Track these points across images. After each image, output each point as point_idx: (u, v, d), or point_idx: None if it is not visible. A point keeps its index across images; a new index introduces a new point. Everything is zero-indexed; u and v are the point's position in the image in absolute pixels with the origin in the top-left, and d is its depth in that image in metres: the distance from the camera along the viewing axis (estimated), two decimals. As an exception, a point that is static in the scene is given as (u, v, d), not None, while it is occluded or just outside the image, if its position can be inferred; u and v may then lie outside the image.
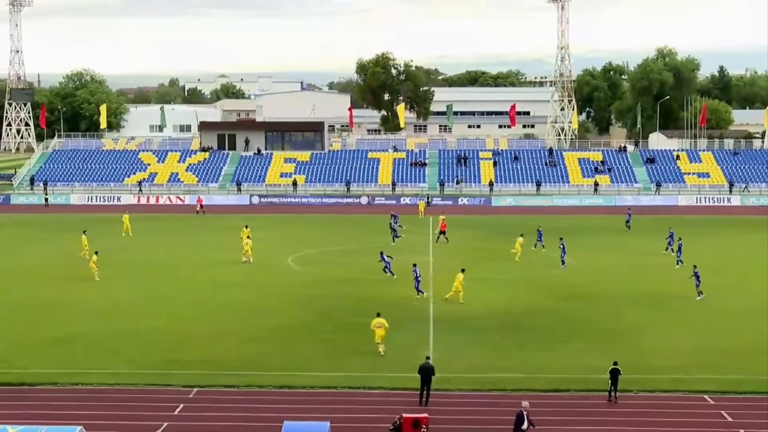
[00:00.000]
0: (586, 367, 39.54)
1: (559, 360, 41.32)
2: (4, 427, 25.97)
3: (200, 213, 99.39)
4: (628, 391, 36.74)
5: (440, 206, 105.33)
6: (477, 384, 37.80)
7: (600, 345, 43.66)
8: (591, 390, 37.04)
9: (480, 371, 39.42)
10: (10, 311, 50.85)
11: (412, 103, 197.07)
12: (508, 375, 38.88)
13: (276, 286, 57.43)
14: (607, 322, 48.78)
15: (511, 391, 36.98)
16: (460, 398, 36.36)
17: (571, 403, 35.65)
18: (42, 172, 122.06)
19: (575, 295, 55.13)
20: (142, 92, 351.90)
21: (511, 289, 57.09)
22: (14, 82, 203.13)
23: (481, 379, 38.39)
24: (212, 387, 37.41)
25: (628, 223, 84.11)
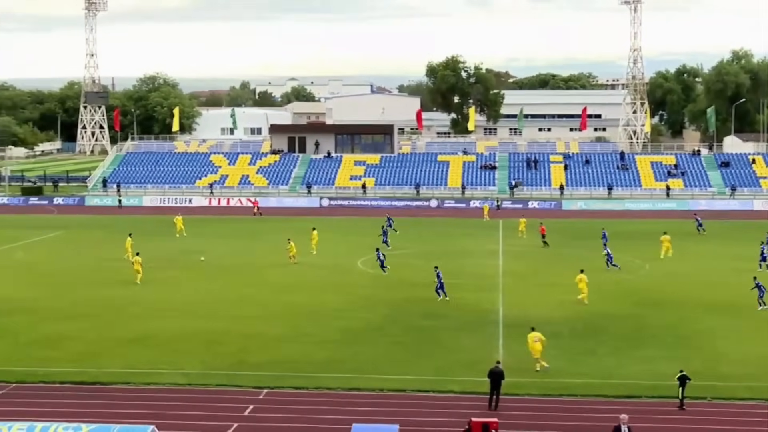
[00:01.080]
0: (659, 374, 39.00)
1: (631, 366, 40.83)
2: (78, 425, 26.32)
3: (257, 215, 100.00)
4: (701, 399, 36.22)
5: (510, 209, 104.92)
6: (547, 389, 37.49)
7: (672, 351, 43.07)
8: (663, 396, 36.53)
9: (550, 376, 39.09)
10: (85, 312, 51.54)
11: (483, 106, 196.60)
12: (579, 380, 38.52)
13: (345, 289, 57.50)
14: (680, 328, 48.10)
15: (582, 397, 36.67)
16: (530, 403, 36.09)
17: (642, 410, 35.17)
18: (115, 174, 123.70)
19: (647, 301, 54.46)
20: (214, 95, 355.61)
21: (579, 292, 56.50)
22: (89, 86, 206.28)
23: (552, 384, 38.06)
24: (282, 388, 37.55)
25: (701, 228, 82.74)
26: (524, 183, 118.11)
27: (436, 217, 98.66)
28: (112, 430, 25.88)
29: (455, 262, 67.95)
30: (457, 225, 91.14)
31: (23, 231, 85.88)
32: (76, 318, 49.93)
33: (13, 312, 51.21)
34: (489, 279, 61.39)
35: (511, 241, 78.31)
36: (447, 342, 45.04)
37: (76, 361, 41.30)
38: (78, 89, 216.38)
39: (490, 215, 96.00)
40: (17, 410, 34.19)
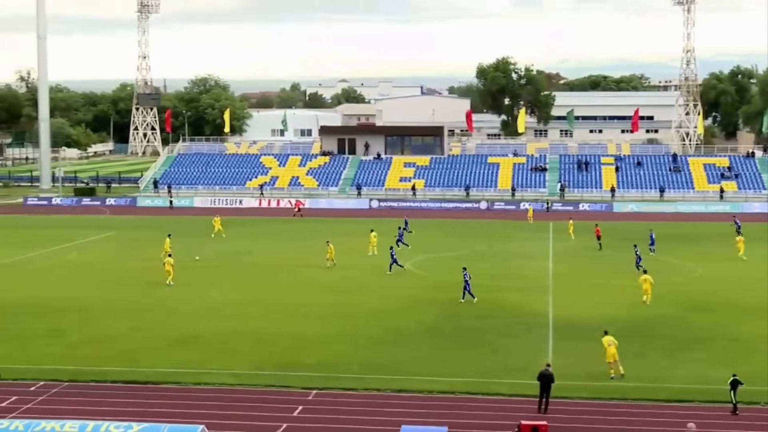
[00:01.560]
0: (710, 378, 38.56)
1: (682, 370, 40.40)
2: (129, 424, 26.48)
3: (297, 216, 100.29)
4: (755, 403, 35.76)
5: (560, 212, 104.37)
6: (597, 392, 37.19)
7: (724, 355, 42.59)
8: (715, 401, 36.10)
9: (600, 379, 38.77)
10: (136, 311, 51.97)
11: (533, 108, 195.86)
12: (629, 384, 38.17)
13: (395, 290, 57.46)
14: (732, 331, 47.51)
15: (633, 401, 36.34)
16: (580, 406, 35.82)
17: (694, 415, 34.73)
18: (167, 175, 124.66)
19: (698, 304, 53.87)
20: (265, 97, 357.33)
21: (632, 296, 55.99)
22: (141, 87, 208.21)
23: (602, 387, 37.76)
24: (331, 389, 37.59)
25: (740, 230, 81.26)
26: (575, 185, 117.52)
27: (485, 219, 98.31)
28: (162, 429, 25.98)
29: (505, 264, 67.80)
30: (506, 227, 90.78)
31: (76, 231, 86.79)
32: (127, 317, 50.36)
33: (66, 311, 51.76)
34: (539, 281, 61.08)
35: (561, 243, 77.91)
36: (496, 344, 44.87)
37: (127, 360, 41.64)
38: (130, 91, 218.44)
39: (535, 217, 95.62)
40: (69, 408, 34.52)
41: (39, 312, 51.56)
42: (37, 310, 52.12)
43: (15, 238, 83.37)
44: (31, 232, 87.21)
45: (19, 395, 36.47)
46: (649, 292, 53.73)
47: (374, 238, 72.51)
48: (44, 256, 72.35)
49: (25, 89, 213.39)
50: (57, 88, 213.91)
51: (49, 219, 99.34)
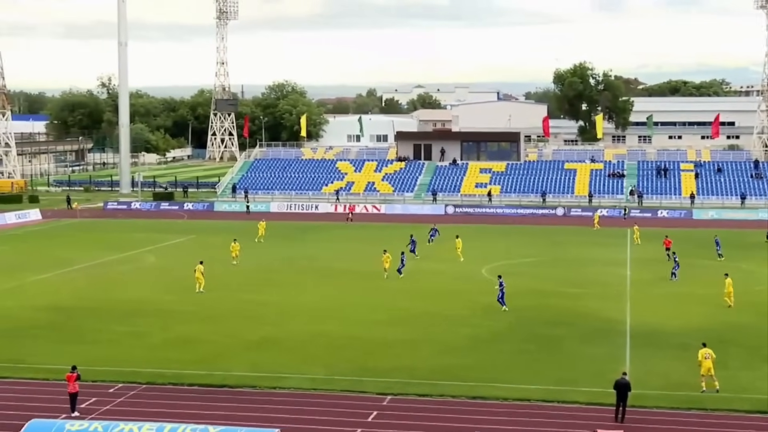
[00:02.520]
0: (793, 389, 37.75)
1: (764, 380, 39.59)
2: (205, 427, 26.68)
3: (349, 221, 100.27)
4: (838, 415, 34.91)
5: (638, 218, 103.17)
6: (675, 402, 36.61)
7: (808, 365, 41.66)
8: (798, 413, 35.32)
9: (678, 389, 38.18)
10: (213, 315, 52.43)
11: (611, 113, 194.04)
12: (709, 394, 37.50)
13: (470, 296, 57.22)
14: (816, 341, 46.48)
15: (712, 411, 35.70)
16: (658, 416, 35.28)
17: (776, 426, 34.07)
18: (244, 180, 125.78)
19: (781, 313, 52.79)
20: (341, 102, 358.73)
21: (710, 304, 55.15)
22: (219, 93, 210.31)
23: (680, 397, 37.17)
24: (405, 395, 37.52)
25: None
26: (653, 192, 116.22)
27: (562, 225, 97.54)
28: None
29: (581, 271, 67.22)
30: (583, 233, 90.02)
31: (155, 235, 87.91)
32: (205, 321, 50.83)
33: (145, 314, 52.41)
34: (616, 288, 60.42)
35: (639, 250, 76.97)
36: (572, 351, 44.44)
37: (204, 363, 41.99)
38: (208, 97, 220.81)
39: (610, 224, 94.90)
40: (147, 411, 34.90)
41: (119, 315, 52.27)
42: (116, 312, 52.85)
43: (95, 241, 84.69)
44: (111, 236, 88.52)
45: (98, 397, 36.96)
46: (731, 296, 53.21)
47: (460, 244, 72.21)
48: (123, 259, 73.36)
49: (106, 95, 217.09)
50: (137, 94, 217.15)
51: (129, 223, 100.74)
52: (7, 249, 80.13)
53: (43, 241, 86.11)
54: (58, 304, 55.22)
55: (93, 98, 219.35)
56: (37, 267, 69.33)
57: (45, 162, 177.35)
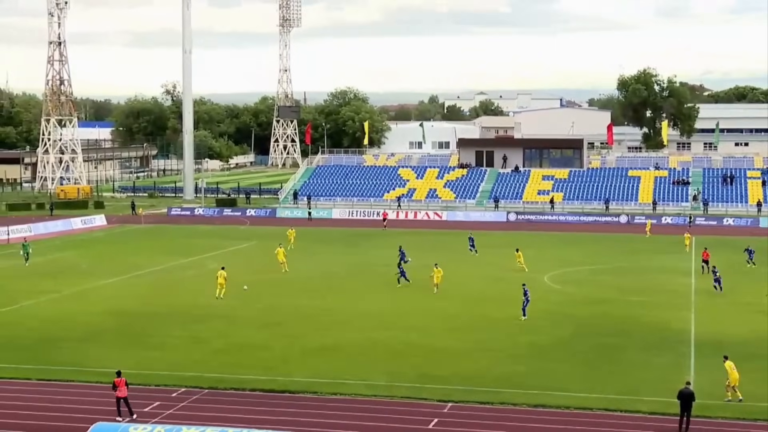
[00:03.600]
0: None
1: (832, 391, 38.81)
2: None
3: (385, 228, 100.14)
4: None
5: (703, 226, 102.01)
6: (741, 413, 36.04)
7: None
8: None
9: (746, 399, 37.54)
10: (275, 321, 52.65)
11: (676, 120, 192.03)
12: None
13: (532, 304, 56.68)
14: None
15: (779, 422, 35.10)
16: (723, 427, 34.77)
17: None
18: (306, 187, 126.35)
19: None
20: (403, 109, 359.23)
21: (779, 314, 54.32)
22: (282, 100, 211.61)
23: (747, 408, 36.57)
24: (467, 402, 37.37)
25: None
26: (719, 199, 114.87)
27: (625, 233, 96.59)
28: (299, 438, 26.19)
29: (645, 279, 66.58)
30: (647, 241, 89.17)
31: (217, 241, 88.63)
32: (266, 327, 51.06)
33: (207, 319, 52.79)
34: (680, 297, 59.70)
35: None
36: (635, 360, 43.98)
37: (265, 368, 42.16)
38: (271, 104, 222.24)
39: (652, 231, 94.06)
40: (209, 415, 35.12)
41: (182, 320, 52.74)
42: (179, 317, 53.33)
43: (159, 247, 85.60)
44: (174, 242, 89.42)
45: (161, 401, 37.29)
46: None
47: (520, 257, 71.26)
48: (186, 265, 73.99)
49: (171, 102, 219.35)
50: (201, 101, 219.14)
51: (192, 229, 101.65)
52: (73, 254, 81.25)
53: (108, 246, 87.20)
54: (122, 309, 55.86)
55: (158, 105, 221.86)
56: (102, 272, 70.23)
57: (110, 168, 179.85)
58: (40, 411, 36.12)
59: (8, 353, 44.66)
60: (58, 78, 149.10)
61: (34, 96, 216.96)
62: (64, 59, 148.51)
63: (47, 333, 49.57)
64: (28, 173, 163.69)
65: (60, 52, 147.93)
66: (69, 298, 60.10)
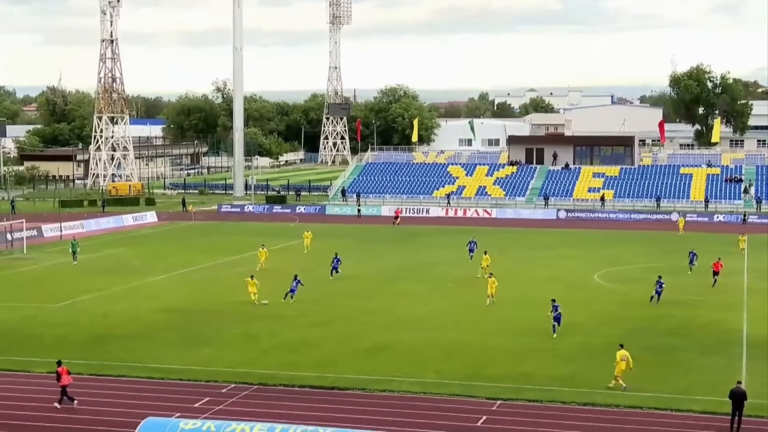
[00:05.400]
0: None
1: None
2: (315, 428, 26.88)
3: (396, 224, 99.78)
4: None
5: (757, 224, 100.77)
6: (794, 413, 35.64)
7: None
8: None
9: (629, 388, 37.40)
10: (326, 320, 52.77)
11: (729, 117, 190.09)
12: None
13: (583, 304, 56.47)
14: None
15: (833, 423, 34.63)
16: (776, 427, 34.41)
17: None
18: (355, 184, 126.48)
19: None
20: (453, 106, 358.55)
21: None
22: (332, 98, 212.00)
23: (799, 408, 36.16)
24: (516, 400, 37.26)
25: None
26: None
27: (676, 231, 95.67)
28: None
29: (697, 279, 65.86)
30: (699, 240, 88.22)
31: (268, 239, 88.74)
32: (316, 326, 51.17)
33: (258, 317, 53.03)
34: (733, 297, 59.05)
35: (757, 258, 75.14)
36: (688, 361, 43.60)
37: (315, 366, 42.29)
38: (321, 101, 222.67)
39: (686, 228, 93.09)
40: (258, 411, 35.31)
41: (232, 317, 53.03)
42: (231, 315, 53.62)
43: (210, 244, 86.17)
44: (224, 239, 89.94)
45: (211, 396, 37.56)
46: None
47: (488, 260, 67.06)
48: (237, 262, 74.38)
49: (221, 100, 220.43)
50: (251, 99, 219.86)
51: (242, 226, 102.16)
52: (125, 251, 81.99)
53: (159, 242, 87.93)
54: (173, 306, 56.31)
55: (208, 102, 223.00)
56: (153, 268, 70.84)
57: (161, 165, 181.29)
58: (92, 406, 36.55)
59: (61, 350, 45.04)
60: (110, 76, 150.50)
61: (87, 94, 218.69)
62: (116, 57, 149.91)
63: (99, 330, 50.06)
64: (81, 170, 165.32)
65: (112, 50, 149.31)
66: (121, 294, 60.67)
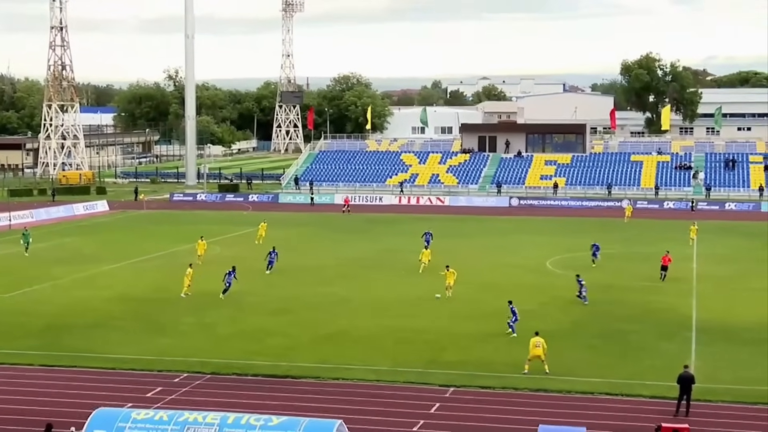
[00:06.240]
0: None
1: (836, 376, 38.85)
2: (269, 417, 26.89)
3: (346, 212, 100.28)
4: None
5: (706, 211, 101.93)
6: (742, 396, 36.16)
7: None
8: None
9: (747, 383, 37.70)
10: (282, 308, 52.58)
11: (678, 105, 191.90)
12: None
13: (537, 289, 56.83)
14: None
15: (780, 406, 35.19)
16: (723, 410, 34.87)
17: None
18: (308, 172, 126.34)
19: None
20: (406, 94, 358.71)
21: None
22: (285, 86, 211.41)
23: (748, 391, 36.69)
24: (469, 387, 37.48)
25: None
26: (721, 184, 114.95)
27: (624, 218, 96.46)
28: (301, 423, 26.28)
29: (648, 265, 66.44)
30: (650, 227, 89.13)
31: (220, 226, 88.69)
32: (274, 313, 51.08)
33: (217, 305, 52.76)
34: (684, 283, 59.67)
35: (706, 244, 76.03)
36: (640, 346, 44.07)
37: (271, 354, 42.22)
38: (274, 89, 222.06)
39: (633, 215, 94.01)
40: (211, 400, 35.21)
41: (188, 306, 52.74)
42: (188, 303, 53.27)
43: (163, 232, 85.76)
44: (177, 228, 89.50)
45: (164, 386, 37.42)
46: None
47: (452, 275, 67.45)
48: (191, 250, 73.96)
49: (173, 88, 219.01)
50: (203, 87, 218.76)
51: (194, 214, 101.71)
52: (76, 240, 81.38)
53: (111, 232, 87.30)
54: (127, 295, 55.96)
55: (160, 90, 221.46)
56: (105, 258, 70.35)
57: (112, 154, 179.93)
58: (43, 397, 36.25)
59: (13, 340, 44.77)
60: (60, 63, 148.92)
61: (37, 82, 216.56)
62: (65, 44, 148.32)
63: (54, 319, 49.61)
64: (30, 159, 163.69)
65: (62, 38, 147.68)
66: (74, 283, 60.22)
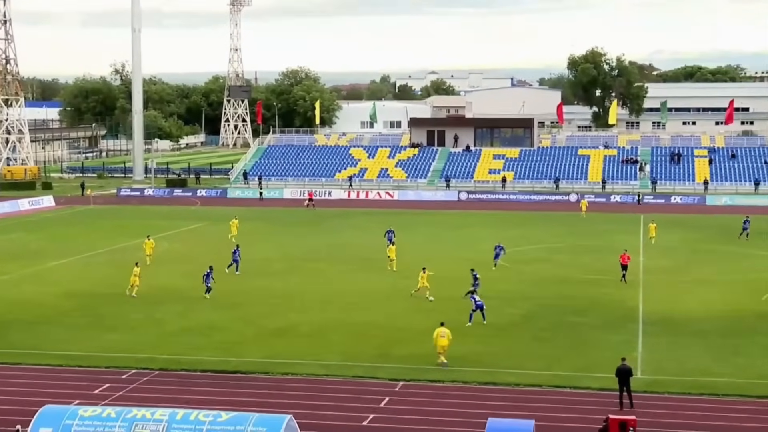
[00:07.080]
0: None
1: (779, 367, 39.39)
2: (218, 413, 26.76)
3: (309, 207, 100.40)
4: None
5: (652, 204, 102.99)
6: (688, 387, 36.55)
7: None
8: (813, 399, 35.18)
9: (692, 374, 38.13)
10: (232, 303, 52.24)
11: (625, 99, 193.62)
12: (724, 380, 37.44)
13: (486, 284, 56.80)
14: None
15: (724, 396, 35.62)
16: (670, 401, 35.22)
17: (790, 412, 33.96)
18: (257, 167, 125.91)
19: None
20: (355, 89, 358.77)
21: (729, 291, 55.07)
22: (233, 80, 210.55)
23: (694, 382, 37.10)
24: (418, 381, 37.55)
25: None
26: (667, 177, 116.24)
27: (575, 211, 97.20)
28: (250, 418, 26.19)
29: (595, 257, 67.09)
30: (597, 220, 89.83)
31: (169, 222, 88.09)
32: (223, 308, 50.80)
33: (162, 301, 52.43)
34: (631, 275, 60.11)
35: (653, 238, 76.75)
36: (588, 339, 44.38)
37: (221, 350, 42.04)
38: (222, 83, 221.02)
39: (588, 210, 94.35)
40: (160, 396, 35.01)
41: (136, 301, 52.28)
42: (137, 299, 52.76)
43: (110, 227, 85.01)
44: (124, 223, 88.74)
45: (111, 383, 37.09)
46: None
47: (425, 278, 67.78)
48: (138, 246, 73.37)
49: (120, 82, 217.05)
50: (150, 81, 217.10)
51: (142, 209, 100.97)
52: (22, 236, 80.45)
53: (57, 227, 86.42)
54: (74, 291, 55.38)
55: (106, 85, 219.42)
56: (52, 253, 69.61)
57: (58, 149, 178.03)
58: (-10, 394, 35.81)
59: (-43, 336, 44.19)
60: (4, 57, 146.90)
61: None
62: (10, 38, 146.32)
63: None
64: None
65: (6, 31, 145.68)
66: (21, 279, 59.52)
